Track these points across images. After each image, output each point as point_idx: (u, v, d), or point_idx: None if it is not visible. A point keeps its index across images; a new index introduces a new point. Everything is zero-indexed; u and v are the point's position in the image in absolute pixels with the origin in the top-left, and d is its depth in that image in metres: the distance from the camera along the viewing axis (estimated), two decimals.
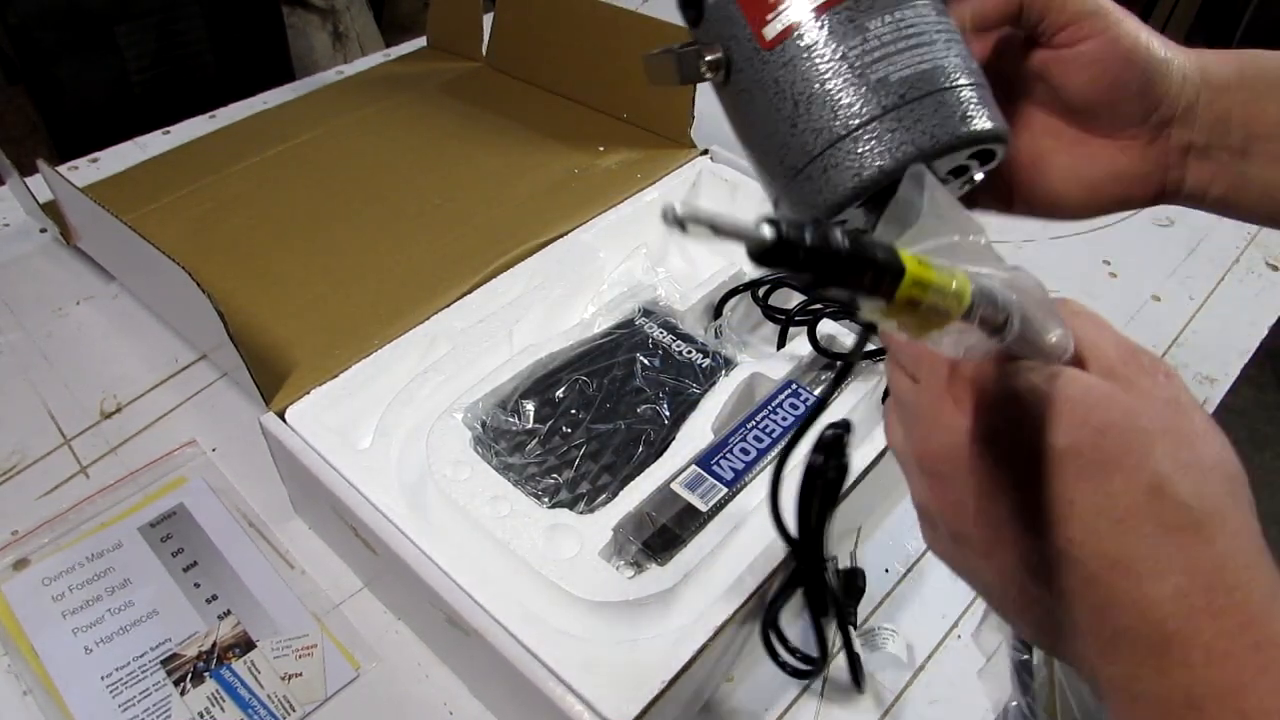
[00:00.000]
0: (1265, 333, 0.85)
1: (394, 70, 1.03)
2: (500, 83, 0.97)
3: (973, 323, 0.25)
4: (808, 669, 0.54)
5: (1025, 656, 0.53)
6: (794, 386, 0.59)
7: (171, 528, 0.63)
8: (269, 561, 0.61)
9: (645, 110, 0.85)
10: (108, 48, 1.44)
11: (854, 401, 0.59)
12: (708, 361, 0.62)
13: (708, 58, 0.35)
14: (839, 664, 0.56)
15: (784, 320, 0.66)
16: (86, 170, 0.92)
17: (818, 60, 0.32)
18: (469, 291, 0.66)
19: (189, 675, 0.55)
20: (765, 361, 0.62)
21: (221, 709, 0.54)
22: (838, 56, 0.32)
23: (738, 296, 0.67)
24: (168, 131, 0.96)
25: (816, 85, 0.32)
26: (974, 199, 0.42)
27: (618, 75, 0.87)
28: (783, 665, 0.54)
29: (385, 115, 0.92)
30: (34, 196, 0.78)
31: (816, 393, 0.59)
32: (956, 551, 0.32)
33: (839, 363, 0.61)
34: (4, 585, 0.59)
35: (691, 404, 0.59)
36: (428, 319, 0.64)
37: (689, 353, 0.62)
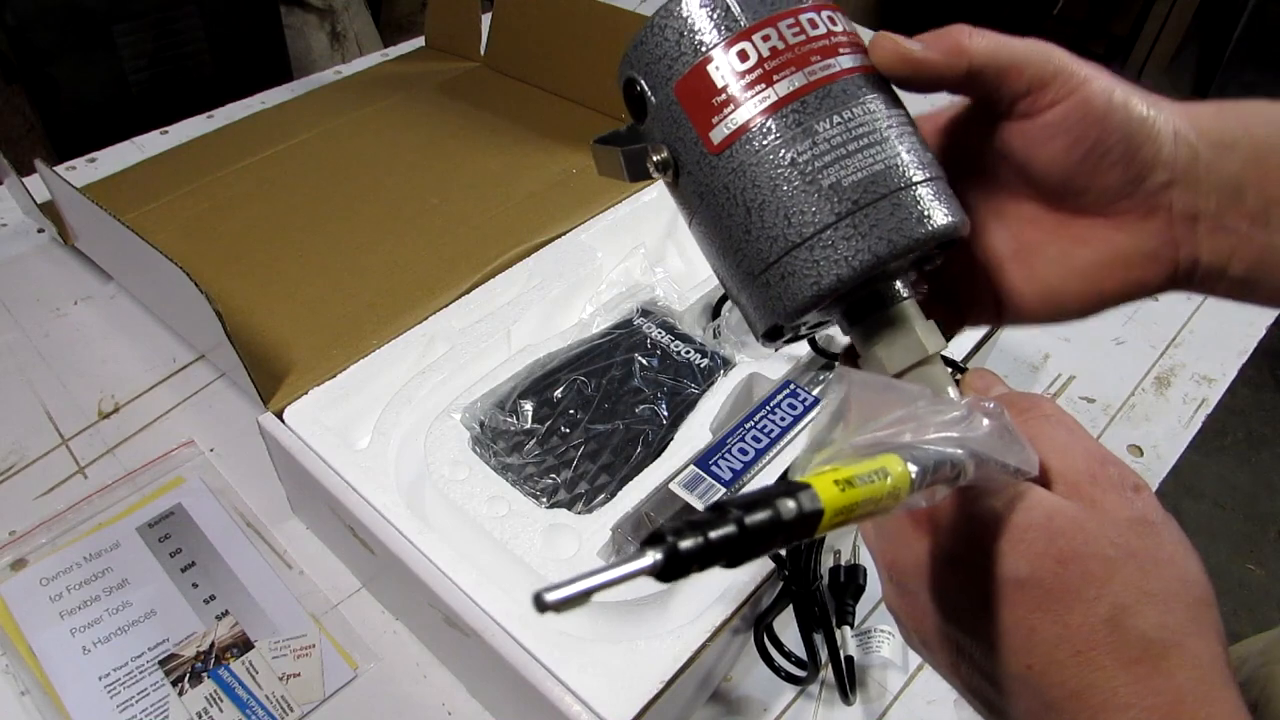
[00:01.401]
0: (1263, 333, 0.85)
1: (392, 70, 1.03)
2: (498, 83, 0.97)
3: (920, 493, 0.25)
4: (802, 675, 0.54)
5: None
6: (792, 387, 0.59)
7: (169, 528, 0.63)
8: (267, 561, 0.61)
9: None
10: (105, 48, 1.44)
11: None
12: (706, 361, 0.62)
13: (655, 158, 0.33)
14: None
15: None
16: (84, 170, 0.92)
17: (767, 166, 0.31)
18: (467, 292, 0.66)
19: (187, 675, 0.55)
20: (763, 362, 0.62)
21: (219, 709, 0.54)
22: (786, 162, 0.31)
23: None
24: (165, 131, 0.96)
25: (768, 192, 0.31)
26: (961, 315, 0.38)
27: (616, 75, 0.87)
28: (777, 670, 0.54)
29: (383, 115, 0.92)
30: (32, 196, 0.78)
31: (815, 393, 0.59)
32: (927, 655, 0.32)
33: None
34: (2, 586, 0.59)
35: (690, 404, 0.59)
36: (426, 319, 0.64)
37: (687, 353, 0.62)
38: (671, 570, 0.21)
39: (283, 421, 0.56)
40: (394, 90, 0.96)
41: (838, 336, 0.63)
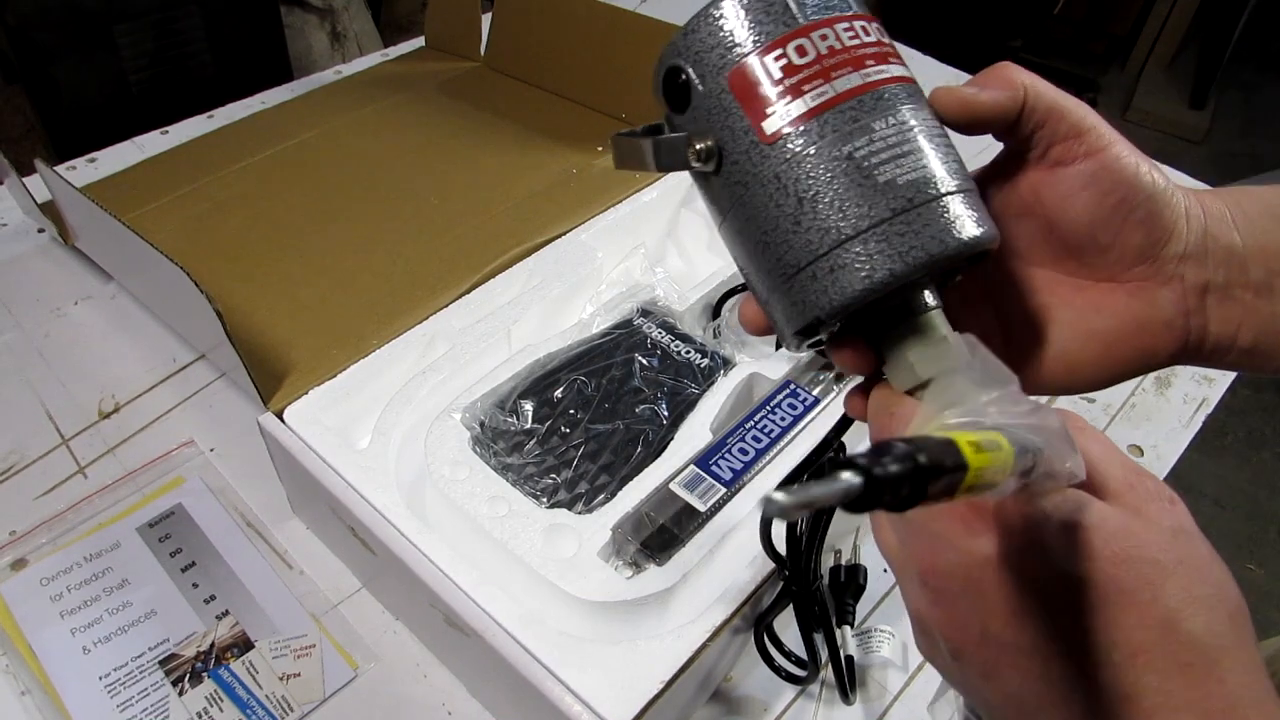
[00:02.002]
0: None
1: (392, 70, 1.03)
2: (498, 83, 0.97)
3: (1013, 477, 0.25)
4: (802, 675, 0.54)
5: None
6: (792, 386, 0.59)
7: (170, 528, 0.63)
8: (267, 561, 0.61)
9: (643, 110, 0.85)
10: (106, 47, 1.44)
11: None
12: (706, 361, 0.62)
13: (698, 146, 0.33)
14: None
15: None
16: (84, 170, 0.92)
17: (824, 158, 0.31)
18: (467, 291, 0.66)
19: (187, 675, 0.55)
20: (763, 361, 0.62)
21: (220, 709, 0.54)
22: (844, 155, 0.31)
23: (736, 296, 0.67)
24: (166, 131, 0.96)
25: (823, 184, 0.31)
26: None
27: (616, 75, 0.87)
28: (777, 670, 0.54)
29: (383, 115, 0.92)
30: (32, 196, 0.78)
31: (815, 392, 0.59)
32: (955, 668, 0.31)
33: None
34: (2, 585, 0.59)
35: (690, 404, 0.59)
36: (426, 319, 0.64)
37: (687, 353, 0.62)
38: (867, 497, 0.22)
39: (283, 421, 0.56)
40: (394, 90, 0.96)
41: None
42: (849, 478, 0.21)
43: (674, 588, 0.49)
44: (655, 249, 0.76)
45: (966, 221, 0.32)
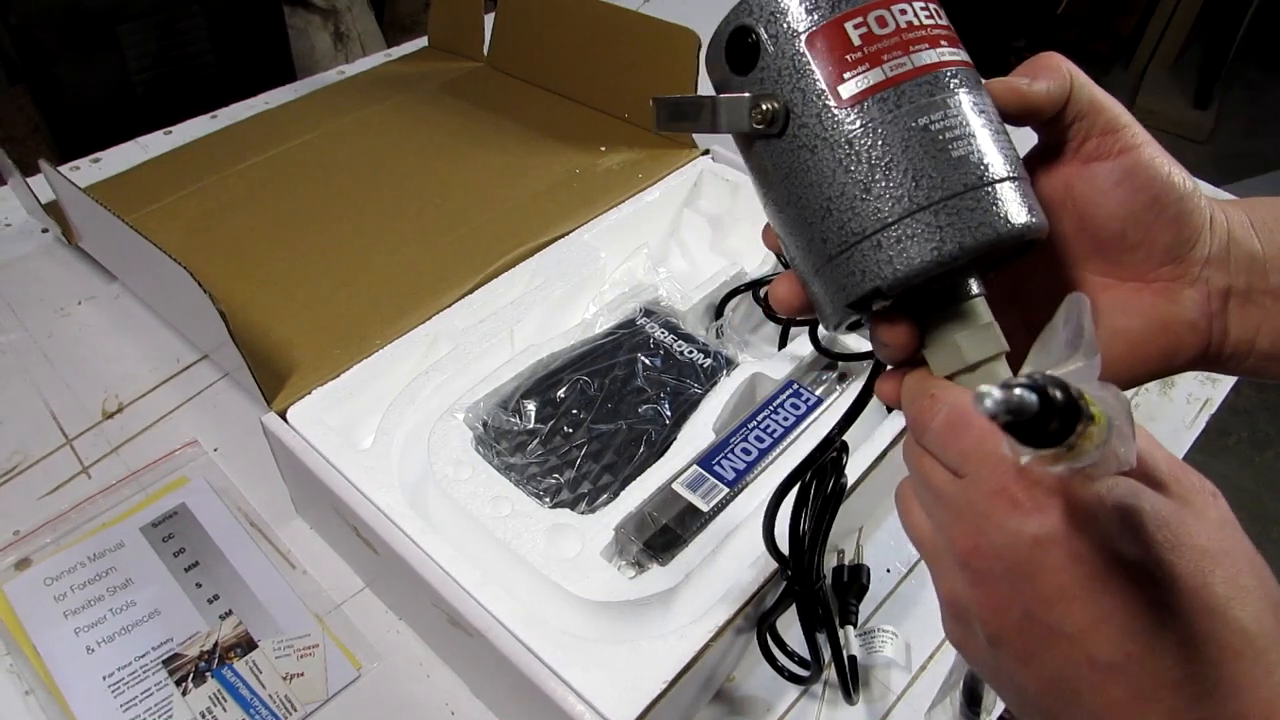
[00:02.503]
0: None
1: (395, 70, 1.03)
2: (501, 83, 0.97)
3: (1101, 448, 0.25)
4: (805, 675, 0.54)
5: None
6: (795, 386, 0.59)
7: (173, 528, 0.63)
8: (270, 561, 0.61)
9: (647, 110, 0.85)
10: (109, 48, 1.44)
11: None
12: (709, 361, 0.62)
13: (764, 106, 0.33)
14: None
15: (785, 320, 0.66)
16: (88, 170, 0.92)
17: (901, 127, 0.32)
18: (470, 291, 0.66)
19: (190, 675, 0.55)
20: (766, 361, 0.62)
21: (223, 709, 0.54)
22: (920, 126, 0.32)
23: (739, 296, 0.67)
24: (169, 131, 0.96)
25: (898, 151, 0.32)
26: None
27: (619, 75, 0.87)
28: (780, 670, 0.54)
29: (386, 115, 0.92)
30: (36, 196, 0.78)
31: (818, 392, 0.59)
32: (989, 654, 0.31)
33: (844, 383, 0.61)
34: (6, 585, 0.59)
35: (693, 404, 0.59)
36: (429, 319, 0.64)
37: (690, 353, 0.62)
38: (1036, 420, 0.22)
39: (286, 421, 0.56)
40: (397, 90, 0.96)
41: (840, 337, 0.63)
42: (1023, 394, 0.22)
43: (677, 588, 0.49)
44: (658, 249, 0.76)
45: (1028, 207, 0.32)
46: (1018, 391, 0.22)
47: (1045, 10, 2.86)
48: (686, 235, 0.78)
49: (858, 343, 0.62)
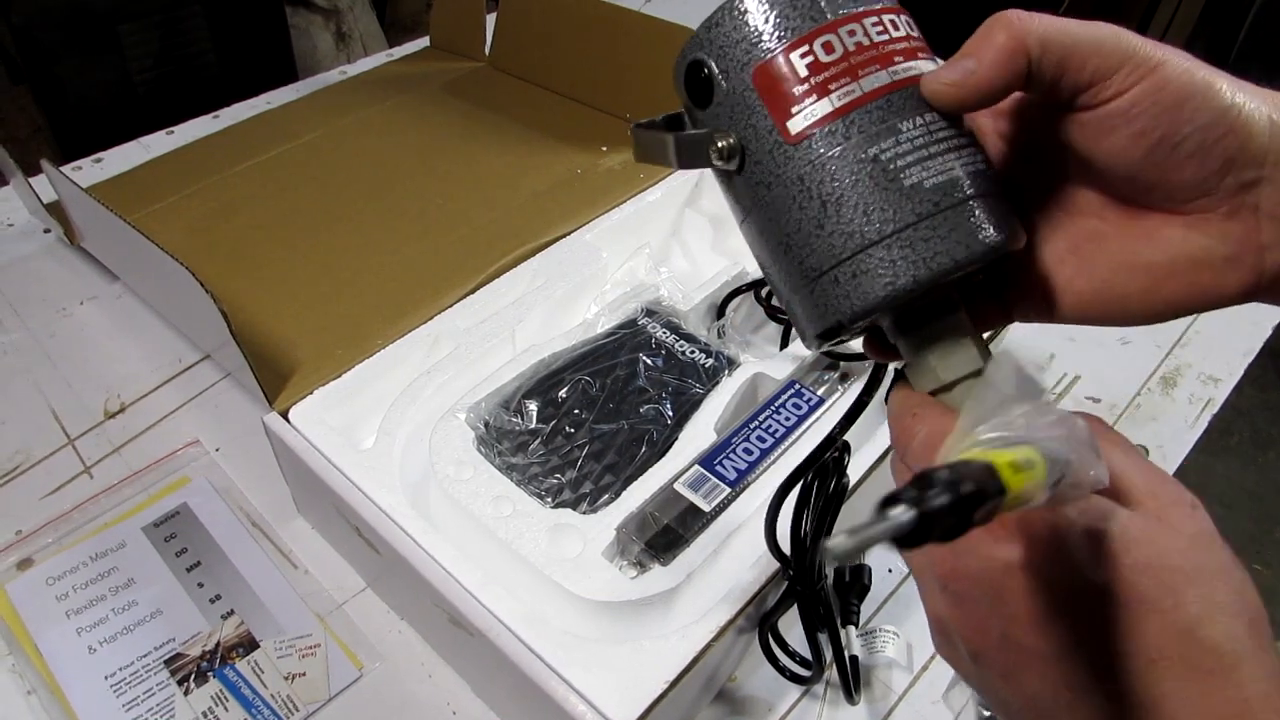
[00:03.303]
0: (1269, 333, 0.85)
1: (397, 70, 1.03)
2: (503, 83, 0.97)
3: (1046, 491, 0.25)
4: (807, 675, 0.54)
5: (988, 714, 0.54)
6: (797, 386, 0.59)
7: (175, 528, 0.63)
8: (272, 561, 0.61)
9: (647, 110, 0.84)
10: (111, 48, 1.44)
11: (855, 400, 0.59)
12: (711, 361, 0.62)
13: (720, 144, 0.32)
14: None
15: (787, 320, 0.66)
16: (90, 170, 0.92)
17: (849, 160, 0.31)
18: (472, 291, 0.66)
19: (192, 675, 0.55)
20: (768, 361, 0.62)
21: (225, 709, 0.54)
22: (869, 158, 0.30)
23: (741, 296, 0.67)
24: (171, 131, 0.96)
25: (848, 186, 0.31)
26: (1011, 308, 0.35)
27: (620, 75, 0.87)
28: (782, 670, 0.54)
29: (388, 115, 0.92)
30: (38, 196, 0.78)
31: (820, 393, 0.59)
32: (974, 670, 0.31)
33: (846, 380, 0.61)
34: (8, 585, 0.59)
35: (694, 404, 0.59)
36: (431, 319, 0.64)
37: (692, 353, 0.62)
38: (918, 532, 0.21)
39: (288, 421, 0.56)
40: (399, 90, 0.96)
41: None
42: (900, 514, 0.21)
43: (678, 588, 0.49)
44: (660, 249, 0.76)
45: (991, 225, 0.31)
46: (879, 527, 0.21)
47: (1045, 10, 2.86)
48: (688, 235, 0.78)
49: (859, 343, 0.62)
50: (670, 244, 0.78)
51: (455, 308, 0.65)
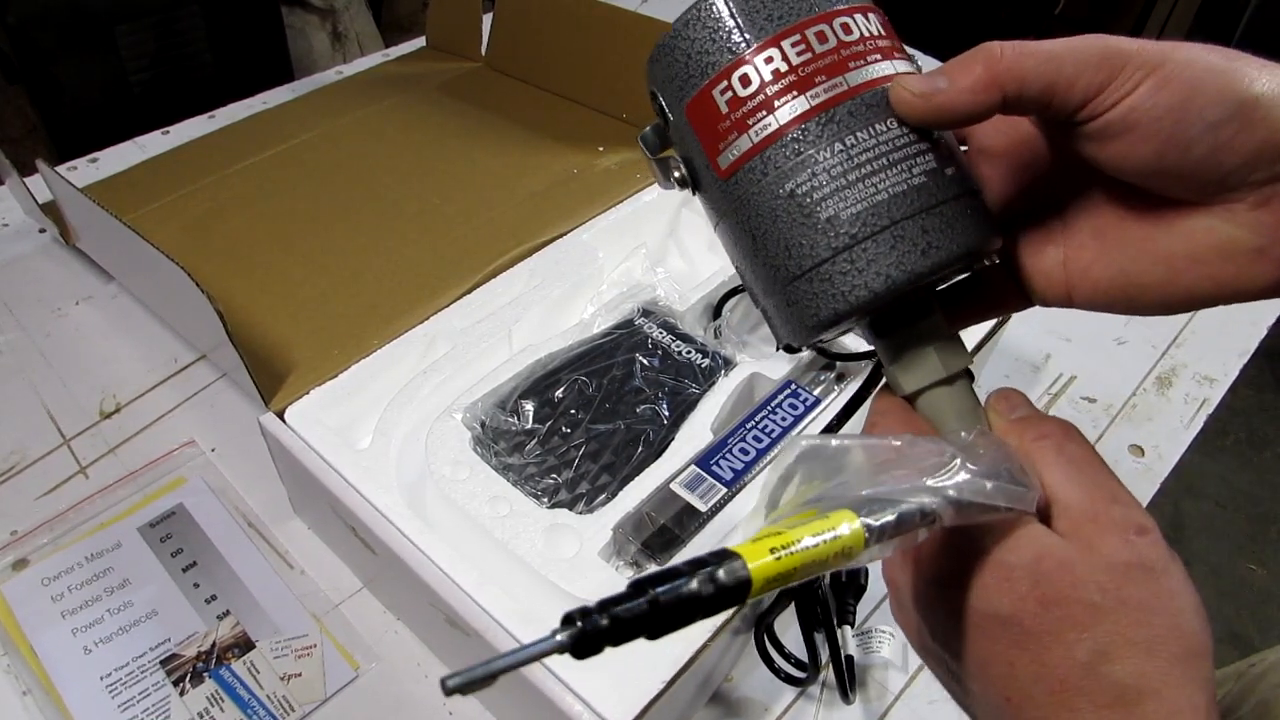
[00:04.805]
0: (1265, 333, 0.85)
1: (393, 70, 1.03)
2: (499, 83, 0.97)
3: (878, 546, 0.25)
4: (802, 676, 0.54)
5: None
6: (793, 386, 0.59)
7: (171, 528, 0.63)
8: (268, 561, 0.61)
9: (644, 110, 0.85)
10: (107, 48, 1.44)
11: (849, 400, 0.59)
12: (707, 361, 0.62)
13: (675, 172, 0.33)
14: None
15: None
16: (86, 170, 0.92)
17: (767, 197, 0.30)
18: (468, 291, 0.66)
19: (188, 675, 0.55)
20: (764, 361, 0.62)
21: (221, 709, 0.54)
22: (785, 194, 0.30)
23: (737, 296, 0.67)
24: (167, 132, 0.96)
25: (768, 223, 0.30)
26: (1029, 293, 0.34)
27: (617, 75, 0.87)
28: (777, 672, 0.54)
29: (384, 115, 0.92)
30: (33, 196, 0.78)
31: (816, 393, 0.59)
32: (925, 659, 0.34)
33: (838, 364, 0.61)
34: (3, 585, 0.59)
35: (691, 404, 0.59)
36: (427, 319, 0.64)
37: (688, 353, 0.62)
38: (583, 648, 0.22)
39: (284, 421, 0.56)
40: (395, 90, 0.96)
41: (839, 337, 0.63)
42: (560, 636, 0.22)
43: None
44: (656, 249, 0.76)
45: (926, 247, 0.29)
46: (496, 663, 0.22)
47: (1043, 10, 2.87)
48: (685, 235, 0.78)
49: (856, 343, 0.62)
50: (667, 244, 0.78)
51: (452, 308, 0.65)
